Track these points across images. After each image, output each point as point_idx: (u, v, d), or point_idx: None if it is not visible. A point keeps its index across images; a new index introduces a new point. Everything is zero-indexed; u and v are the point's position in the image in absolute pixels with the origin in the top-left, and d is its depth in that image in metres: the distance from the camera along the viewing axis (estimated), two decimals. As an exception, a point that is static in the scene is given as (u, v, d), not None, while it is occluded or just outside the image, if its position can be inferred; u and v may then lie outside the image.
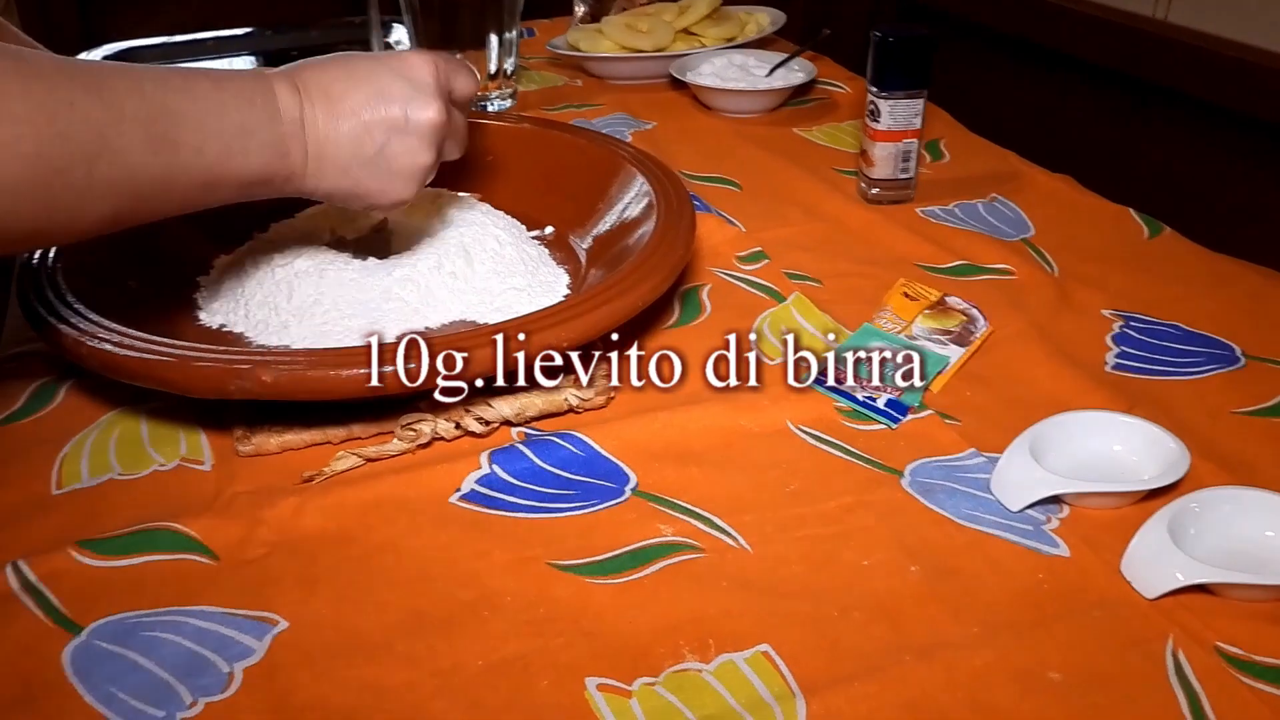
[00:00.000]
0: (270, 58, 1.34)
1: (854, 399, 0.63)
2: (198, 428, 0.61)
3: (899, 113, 0.86)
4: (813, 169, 0.96)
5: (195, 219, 0.58)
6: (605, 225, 0.76)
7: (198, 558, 0.52)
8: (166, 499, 0.57)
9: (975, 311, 0.70)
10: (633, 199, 0.74)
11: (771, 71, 1.13)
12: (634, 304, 0.61)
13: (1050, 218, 0.87)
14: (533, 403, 0.60)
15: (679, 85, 1.14)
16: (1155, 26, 1.24)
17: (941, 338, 0.68)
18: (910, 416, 0.61)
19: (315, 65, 0.59)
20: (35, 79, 0.47)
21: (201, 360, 0.55)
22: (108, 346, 0.56)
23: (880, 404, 0.62)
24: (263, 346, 0.65)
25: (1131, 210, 0.87)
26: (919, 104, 0.86)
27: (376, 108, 0.59)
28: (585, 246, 0.76)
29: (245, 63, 1.32)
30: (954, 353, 0.67)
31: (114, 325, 0.58)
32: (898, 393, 0.62)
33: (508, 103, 1.11)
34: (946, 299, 0.71)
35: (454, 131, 0.64)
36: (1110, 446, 0.57)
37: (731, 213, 0.87)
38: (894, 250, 0.81)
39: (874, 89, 0.86)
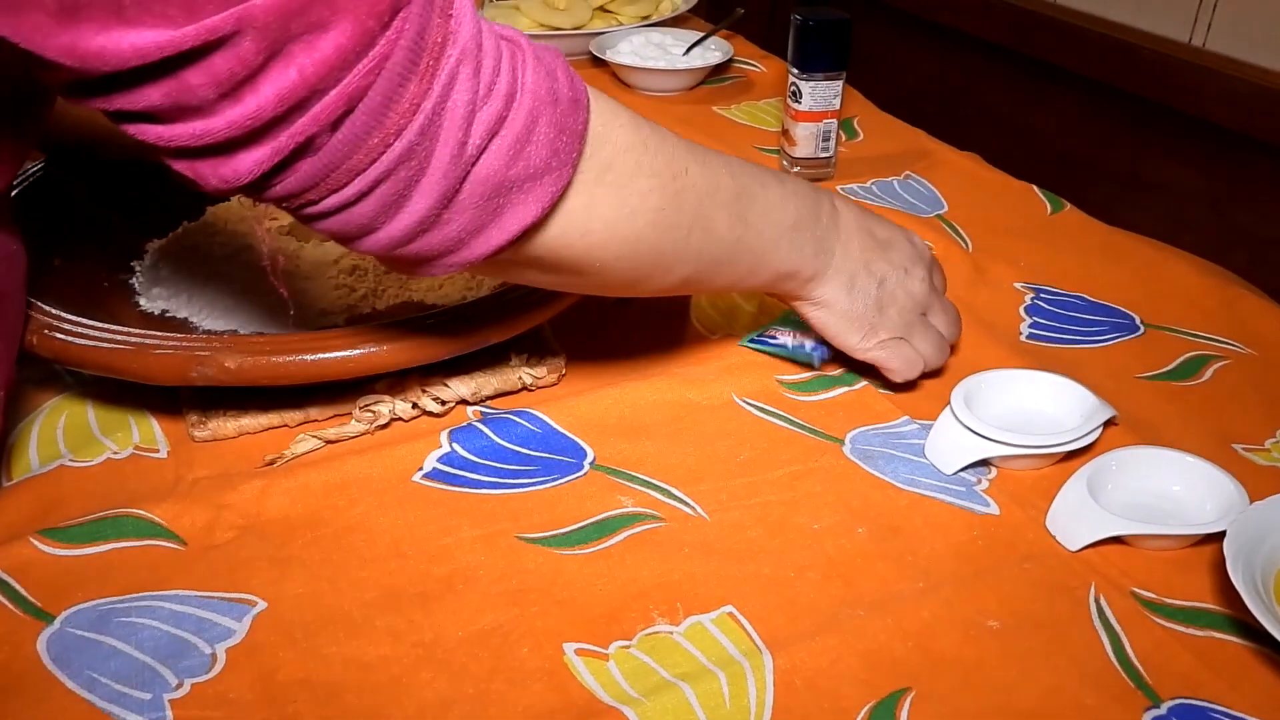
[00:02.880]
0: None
1: (784, 347, 0.66)
2: (147, 413, 0.61)
3: (819, 94, 0.89)
4: (735, 147, 0.98)
5: (116, 201, 0.57)
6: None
7: (165, 543, 0.53)
8: (125, 486, 0.57)
9: None
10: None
11: (689, 50, 1.16)
12: (559, 303, 0.63)
13: (961, 194, 0.92)
14: (488, 382, 0.62)
15: (598, 63, 1.16)
16: (1044, 7, 1.31)
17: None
18: (843, 389, 0.65)
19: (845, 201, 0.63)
20: (663, 142, 0.51)
21: (161, 348, 0.55)
22: (61, 336, 0.56)
23: (808, 348, 0.65)
24: (209, 332, 0.65)
25: (1035, 187, 0.93)
26: (838, 85, 0.90)
27: (885, 250, 0.62)
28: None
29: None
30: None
31: (64, 314, 0.57)
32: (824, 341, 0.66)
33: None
34: None
35: (946, 310, 0.66)
36: (1030, 403, 0.61)
37: (661, 191, 0.89)
38: (818, 227, 0.85)
39: (795, 71, 0.89)
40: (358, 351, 0.55)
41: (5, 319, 0.52)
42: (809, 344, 0.65)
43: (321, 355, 0.55)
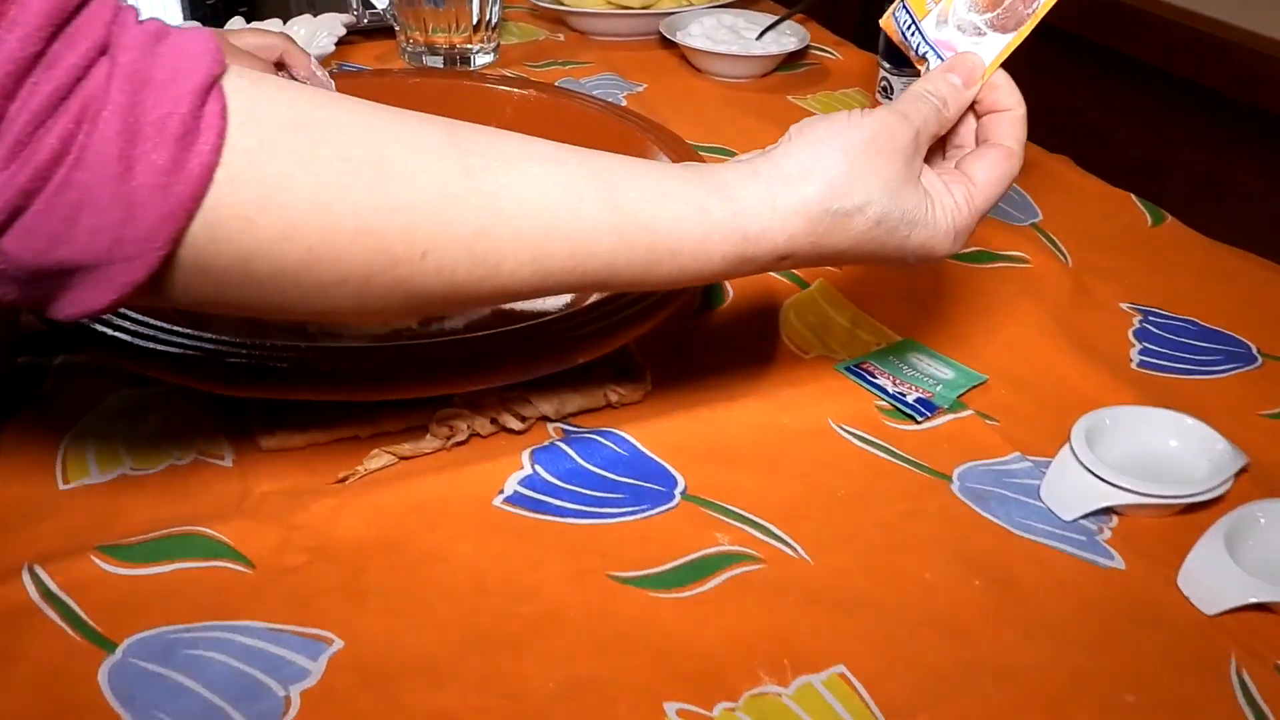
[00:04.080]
0: None
1: (884, 391, 0.62)
2: (214, 418, 0.58)
3: (912, 91, 0.84)
4: (814, 142, 0.94)
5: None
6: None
7: (232, 565, 0.49)
8: (188, 496, 0.53)
9: None
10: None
11: (762, 34, 1.10)
12: (664, 312, 0.59)
13: (1056, 201, 0.87)
14: (572, 399, 0.58)
15: (667, 43, 1.11)
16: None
17: (980, 21, 0.52)
18: (949, 416, 0.61)
19: (841, 240, 0.47)
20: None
21: (235, 357, 0.51)
22: (125, 336, 0.52)
23: (910, 400, 0.61)
24: (270, 326, 0.61)
25: (1133, 196, 0.88)
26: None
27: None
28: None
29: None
30: (995, 42, 0.51)
31: (138, 315, 0.54)
32: (929, 394, 0.62)
33: (490, 57, 1.07)
34: None
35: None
36: (1156, 445, 0.57)
37: (740, 188, 0.84)
38: (907, 233, 0.80)
39: (887, 65, 0.84)
40: (439, 372, 0.51)
41: None
42: (911, 395, 0.61)
43: (400, 377, 0.51)
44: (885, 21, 0.56)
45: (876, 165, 0.46)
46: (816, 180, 0.45)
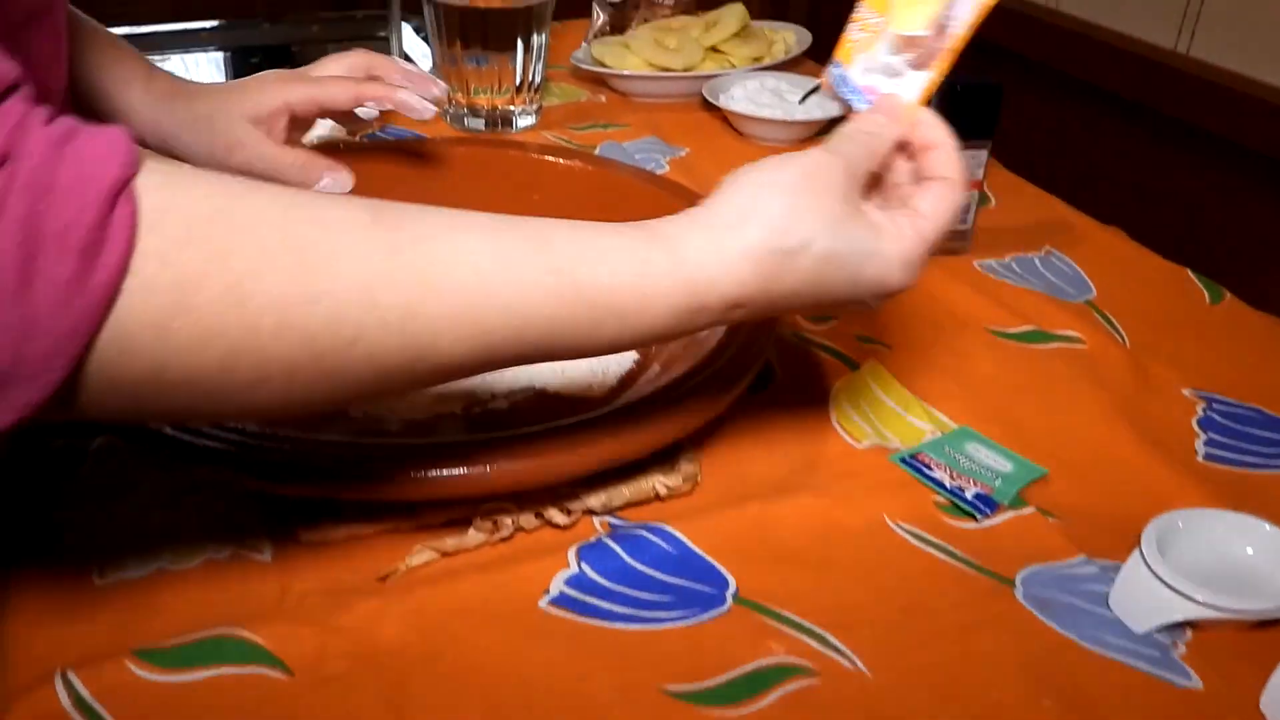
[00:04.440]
0: (267, 51, 1.27)
1: (941, 486, 0.60)
2: (252, 511, 0.56)
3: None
4: (860, 211, 0.92)
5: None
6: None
7: (270, 671, 0.48)
8: (226, 596, 0.52)
9: None
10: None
11: (804, 98, 1.09)
12: (718, 405, 0.57)
13: (1109, 277, 0.85)
14: (619, 492, 0.56)
15: (709, 103, 1.10)
16: (1176, 60, 1.22)
17: (898, 63, 0.53)
18: (1009, 514, 0.59)
19: (791, 282, 0.46)
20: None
21: (276, 453, 0.50)
22: (168, 430, 0.51)
23: (969, 495, 0.59)
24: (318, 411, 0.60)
25: (1189, 271, 0.85)
26: (983, 155, 0.83)
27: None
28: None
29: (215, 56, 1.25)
30: (914, 80, 0.52)
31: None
32: (988, 489, 0.60)
33: (531, 119, 1.07)
34: None
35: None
36: (1233, 552, 0.54)
37: (786, 261, 0.83)
38: (959, 311, 0.78)
39: (937, 137, 0.83)
40: (485, 469, 0.49)
41: None
42: (970, 491, 0.59)
43: (449, 472, 0.49)
44: (823, 80, 0.56)
45: (814, 202, 0.46)
46: (757, 223, 0.45)
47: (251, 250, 0.37)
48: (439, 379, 0.43)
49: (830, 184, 0.46)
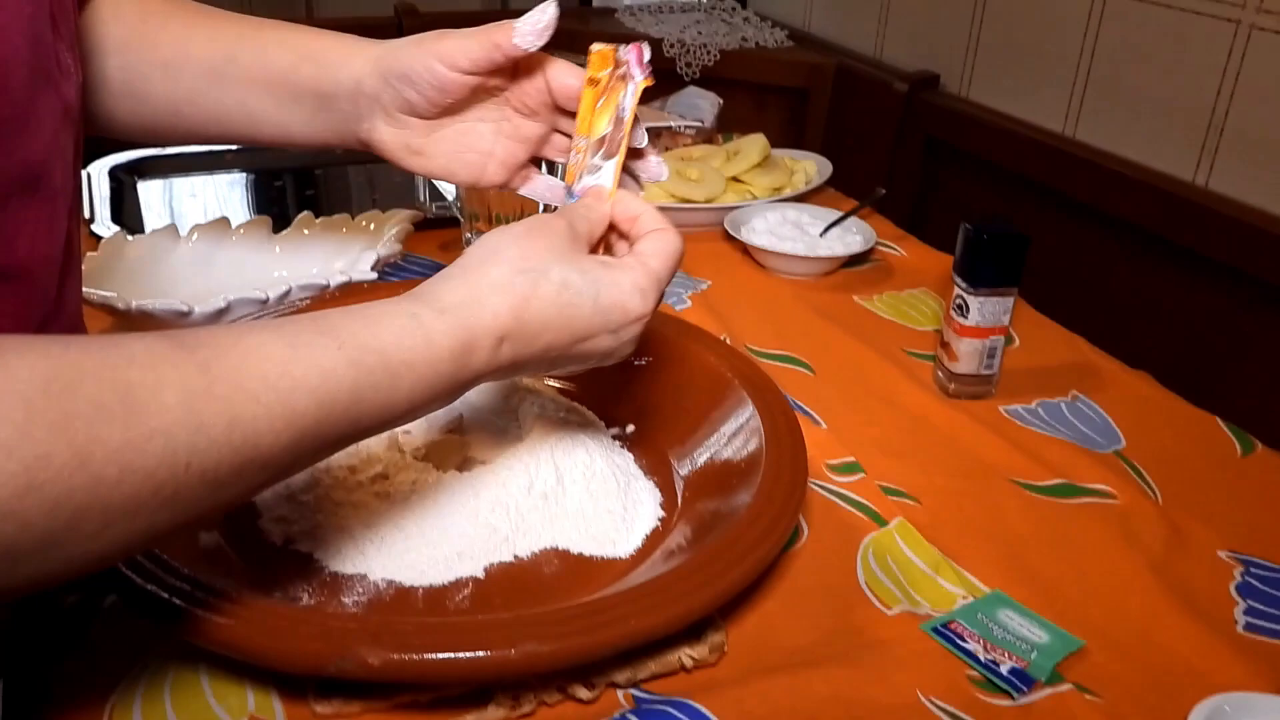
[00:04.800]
0: (296, 172, 1.29)
1: (975, 659, 0.58)
2: (265, 678, 0.55)
3: (988, 310, 0.82)
4: (883, 350, 0.92)
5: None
6: (704, 454, 0.70)
7: None
8: (236, 774, 0.50)
9: (628, 60, 0.60)
10: (738, 431, 0.68)
11: (826, 230, 1.10)
12: (747, 575, 0.56)
13: (1138, 425, 0.83)
14: (645, 665, 0.55)
15: (729, 234, 1.11)
16: (1192, 193, 1.23)
17: (597, 160, 0.61)
18: (1047, 690, 0.57)
19: (539, 309, 0.52)
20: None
21: (298, 634, 0.49)
22: (179, 602, 0.50)
23: (1004, 670, 0.57)
24: (336, 574, 0.59)
25: (1219, 420, 0.84)
26: (1009, 301, 0.83)
27: (579, 357, 0.56)
28: (683, 474, 0.70)
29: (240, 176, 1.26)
30: (608, 169, 0.60)
31: (178, 566, 0.51)
32: (1023, 663, 0.58)
33: (554, 248, 1.07)
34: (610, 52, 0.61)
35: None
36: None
37: (810, 404, 0.82)
38: (986, 460, 0.77)
39: (962, 283, 0.83)
40: (514, 651, 0.48)
41: None
42: (1005, 666, 0.57)
43: (478, 653, 0.48)
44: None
45: (544, 242, 0.53)
46: (498, 262, 0.52)
47: (87, 410, 0.37)
48: (268, 478, 0.44)
49: (555, 230, 0.55)
